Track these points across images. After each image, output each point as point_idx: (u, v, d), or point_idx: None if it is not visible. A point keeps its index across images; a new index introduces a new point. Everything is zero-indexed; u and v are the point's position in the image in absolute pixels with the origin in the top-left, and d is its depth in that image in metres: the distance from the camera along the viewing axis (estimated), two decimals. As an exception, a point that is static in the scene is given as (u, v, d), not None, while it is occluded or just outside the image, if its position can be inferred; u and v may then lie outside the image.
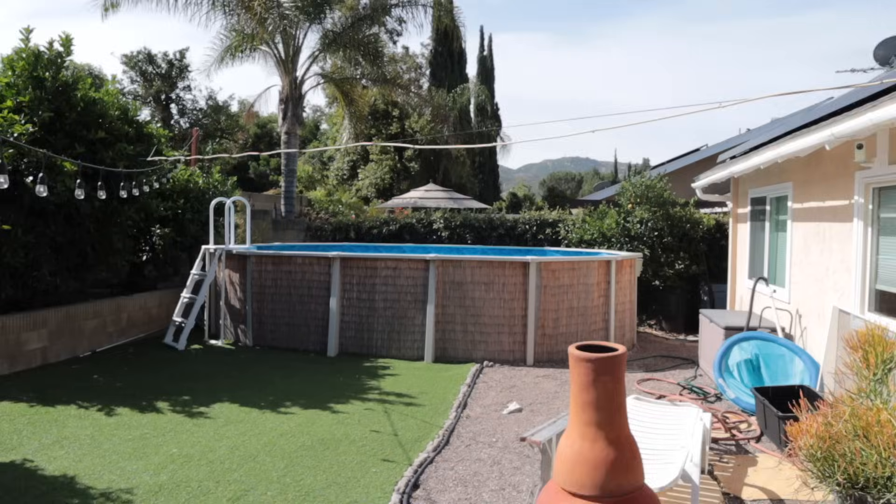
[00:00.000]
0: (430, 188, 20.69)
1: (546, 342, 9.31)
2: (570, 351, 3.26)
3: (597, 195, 22.01)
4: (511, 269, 9.22)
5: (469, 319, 9.25)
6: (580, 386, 3.21)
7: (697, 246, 12.99)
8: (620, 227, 12.83)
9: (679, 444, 5.20)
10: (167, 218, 11.27)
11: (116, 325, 9.92)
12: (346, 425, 6.39)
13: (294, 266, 9.88)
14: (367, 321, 9.55)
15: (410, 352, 9.41)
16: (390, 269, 9.47)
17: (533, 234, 14.18)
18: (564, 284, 9.37)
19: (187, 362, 8.97)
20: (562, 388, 8.05)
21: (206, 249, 10.70)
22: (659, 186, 12.81)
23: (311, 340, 9.79)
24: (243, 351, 9.81)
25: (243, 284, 10.24)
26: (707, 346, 8.91)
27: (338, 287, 9.59)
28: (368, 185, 31.92)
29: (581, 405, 3.20)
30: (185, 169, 11.89)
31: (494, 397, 7.61)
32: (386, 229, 14.69)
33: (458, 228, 14.44)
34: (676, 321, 12.93)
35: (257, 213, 15.68)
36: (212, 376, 8.19)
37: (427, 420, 6.66)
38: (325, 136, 39.48)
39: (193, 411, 6.73)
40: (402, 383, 8.07)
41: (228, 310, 10.52)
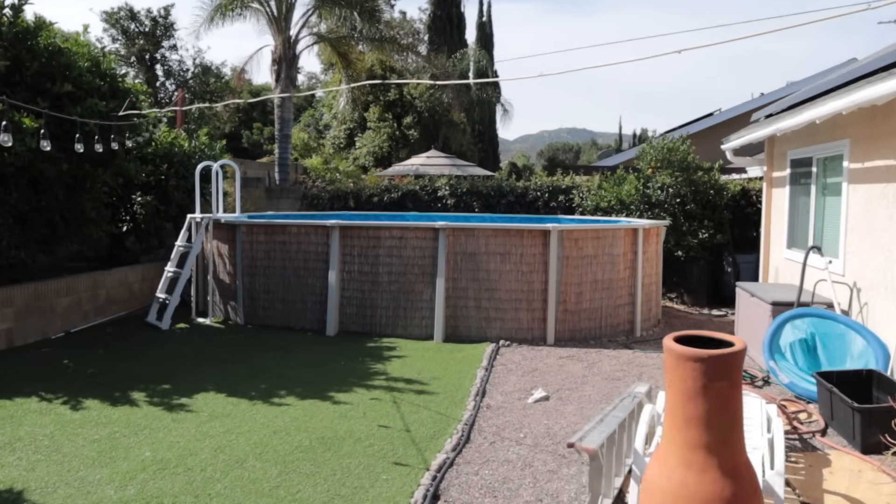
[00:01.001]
0: (433, 154, 19.65)
1: (568, 319, 8.43)
2: (669, 345, 2.36)
3: (608, 161, 21.02)
4: (530, 238, 8.30)
5: (483, 294, 8.36)
6: (684, 394, 2.32)
7: (722, 214, 12.08)
8: (640, 193, 11.89)
9: (750, 446, 4.34)
10: (149, 184, 10.29)
11: (93, 303, 9.00)
12: (350, 419, 5.52)
13: (288, 236, 8.95)
14: (370, 297, 8.65)
15: (418, 330, 8.53)
16: (395, 238, 8.54)
17: (545, 201, 13.24)
18: (588, 255, 8.46)
19: (171, 344, 8.07)
20: (589, 370, 7.19)
21: (191, 219, 9.75)
22: (682, 150, 11.84)
23: (308, 318, 8.89)
24: (233, 330, 8.92)
25: (233, 257, 9.31)
26: (746, 323, 8.04)
27: (337, 259, 8.67)
28: (366, 154, 30.83)
29: (684, 421, 2.31)
30: (168, 131, 10.88)
31: (516, 383, 6.74)
32: (387, 197, 13.73)
33: (465, 196, 13.49)
34: (699, 294, 12.07)
35: (250, 182, 14.70)
36: (197, 360, 7.30)
37: (442, 412, 5.79)
38: (320, 103, 38.24)
39: (173, 403, 5.84)
40: (411, 367, 7.20)
41: (217, 285, 9.61)
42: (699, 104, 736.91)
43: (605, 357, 7.78)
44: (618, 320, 8.80)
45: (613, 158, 21.90)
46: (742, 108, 21.09)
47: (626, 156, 20.76)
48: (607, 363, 7.51)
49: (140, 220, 10.12)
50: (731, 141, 10.32)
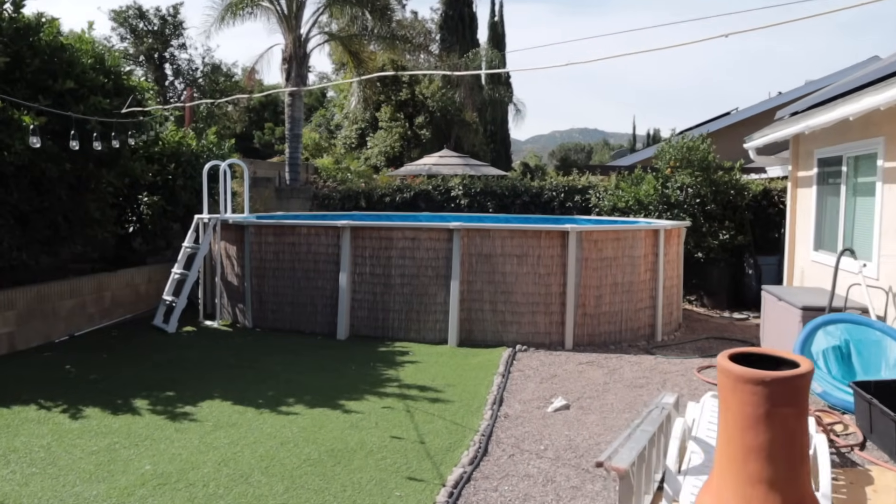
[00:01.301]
0: (445, 154, 19.35)
1: (587, 323, 8.12)
2: (725, 366, 2.06)
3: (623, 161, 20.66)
4: (547, 239, 8.00)
5: (499, 297, 8.07)
6: (743, 422, 2.03)
7: (743, 214, 11.73)
8: (658, 193, 11.56)
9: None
10: (156, 184, 10.08)
11: (98, 306, 8.79)
12: (361, 430, 5.25)
13: (298, 237, 8.70)
14: (382, 299, 8.38)
15: (432, 334, 8.25)
16: (408, 239, 8.27)
17: (560, 201, 12.93)
18: (608, 257, 8.15)
19: (177, 348, 7.84)
20: (610, 377, 6.88)
21: (199, 219, 9.52)
22: (703, 149, 11.50)
23: (317, 322, 8.64)
24: (241, 334, 8.68)
25: (241, 258, 9.07)
26: (773, 328, 7.71)
27: (348, 260, 8.41)
28: (378, 154, 30.62)
29: (743, 452, 2.02)
30: (175, 130, 10.66)
31: (534, 390, 6.45)
32: (399, 197, 13.46)
33: (479, 196, 13.20)
34: (719, 297, 11.73)
35: (259, 181, 14.49)
36: (203, 365, 7.05)
37: (458, 421, 5.51)
38: (331, 103, 38.06)
39: (177, 412, 5.59)
40: (425, 373, 6.92)
41: (225, 287, 9.37)
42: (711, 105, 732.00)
43: (626, 363, 7.47)
44: (638, 324, 8.48)
45: (628, 158, 21.54)
46: (760, 107, 20.69)
47: (642, 155, 20.40)
48: (629, 369, 7.20)
49: (146, 221, 9.90)
50: (754, 140, 9.98)
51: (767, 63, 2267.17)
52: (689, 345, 8.44)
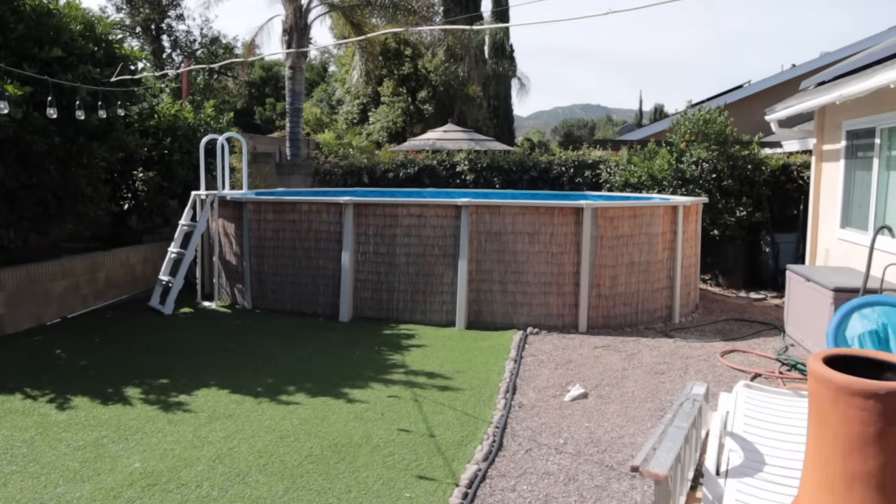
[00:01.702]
0: (449, 128, 18.87)
1: (602, 305, 7.75)
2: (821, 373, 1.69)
3: (633, 135, 20.13)
4: (560, 216, 7.60)
5: (509, 277, 7.69)
6: (848, 441, 1.66)
7: (761, 190, 11.29)
8: (673, 168, 11.12)
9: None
10: (152, 160, 9.67)
11: (92, 287, 8.44)
12: (366, 421, 4.90)
13: (299, 214, 8.30)
14: (387, 279, 8.01)
15: (438, 316, 7.89)
16: (414, 216, 7.87)
17: (570, 177, 12.49)
18: (624, 235, 7.76)
19: (173, 331, 7.49)
20: (629, 363, 6.52)
21: (195, 196, 9.13)
22: (720, 121, 11.04)
23: (319, 302, 8.28)
24: (240, 315, 8.33)
25: (239, 237, 8.69)
26: (800, 311, 7.33)
27: (351, 239, 8.03)
28: (380, 129, 30.10)
29: (844, 479, 1.65)
30: (171, 103, 10.23)
31: (549, 377, 6.09)
32: (403, 172, 13.03)
33: (485, 171, 12.76)
34: (734, 275, 11.34)
35: (259, 157, 14.06)
36: (200, 350, 6.70)
37: (469, 412, 5.16)
38: (332, 78, 37.43)
39: (170, 401, 5.25)
40: (433, 358, 6.57)
41: (223, 266, 9.01)
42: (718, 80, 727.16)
43: (645, 347, 7.11)
44: (655, 306, 8.11)
45: (637, 133, 21.00)
46: (774, 79, 20.12)
47: (651, 130, 19.88)
48: (648, 354, 6.84)
49: (142, 198, 9.51)
50: (776, 111, 9.52)
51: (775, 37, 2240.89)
52: (709, 327, 8.07)
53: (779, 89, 19.56)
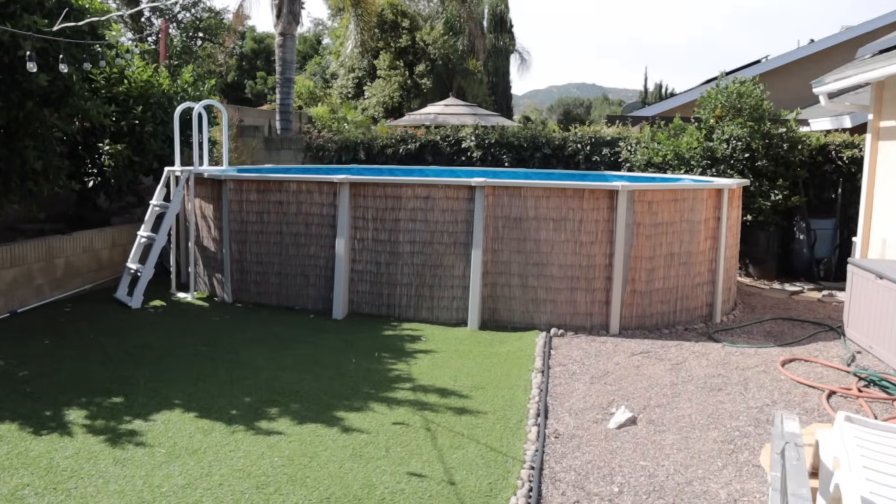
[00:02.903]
0: (451, 102, 17.71)
1: (636, 302, 6.72)
2: None
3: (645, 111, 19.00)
4: (592, 199, 6.53)
5: (530, 270, 6.64)
6: None
7: (796, 172, 10.24)
8: (702, 146, 10.04)
9: None
10: (121, 131, 8.52)
11: (48, 275, 7.34)
12: (367, 461, 3.87)
13: (286, 194, 7.21)
14: (388, 271, 6.95)
15: (447, 314, 6.85)
16: (420, 198, 6.80)
17: (586, 155, 11.40)
18: (663, 222, 6.70)
19: (138, 330, 6.41)
20: (677, 375, 5.50)
21: (169, 172, 8.01)
22: (756, 94, 9.95)
23: (310, 296, 7.23)
24: (218, 311, 7.25)
25: (218, 219, 7.59)
26: (867, 312, 6.32)
27: (346, 223, 6.95)
28: (375, 104, 28.86)
29: None
30: (143, 66, 9.05)
31: (585, 394, 5.07)
32: (403, 148, 11.91)
33: (493, 148, 11.65)
34: (766, 265, 10.35)
35: (247, 130, 12.90)
36: (167, 357, 5.63)
37: (495, 445, 4.13)
38: (326, 50, 36.03)
39: (122, 429, 4.20)
40: (444, 368, 5.53)
41: (201, 253, 7.92)
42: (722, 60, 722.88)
43: (690, 354, 6.09)
44: (695, 303, 7.09)
45: (648, 109, 19.87)
46: (793, 55, 19.02)
47: (663, 107, 18.76)
48: (696, 363, 5.82)
49: (109, 174, 8.37)
50: (826, 83, 8.43)
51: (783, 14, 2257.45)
52: (755, 328, 7.06)
53: (798, 65, 18.46)
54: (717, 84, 10.35)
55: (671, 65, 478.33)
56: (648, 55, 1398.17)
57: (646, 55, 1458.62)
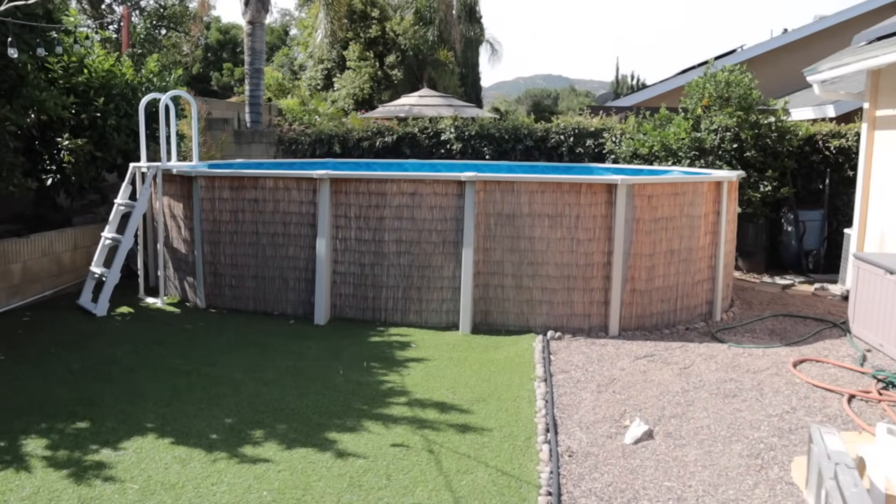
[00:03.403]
0: (426, 93, 17.24)
1: (636, 302, 6.40)
2: None
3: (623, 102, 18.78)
4: (589, 194, 6.19)
5: (525, 270, 6.28)
6: None
7: (785, 162, 10.04)
8: (690, 137, 9.78)
9: None
10: (81, 124, 7.93)
11: (4, 282, 6.77)
12: (367, 491, 3.47)
13: (263, 192, 6.73)
14: (373, 272, 6.53)
15: (437, 317, 6.46)
16: (406, 194, 6.38)
17: (570, 146, 11.06)
18: (663, 217, 6.39)
19: (104, 341, 5.90)
20: (686, 380, 5.19)
21: (135, 168, 7.48)
22: (745, 83, 9.71)
23: (289, 301, 6.77)
24: (191, 317, 6.76)
25: (189, 219, 7.08)
26: (875, 308, 6.08)
27: (327, 222, 6.51)
28: (345, 96, 28.24)
29: None
30: (105, 56, 8.45)
31: (594, 404, 4.73)
32: (380, 141, 11.45)
33: (474, 140, 11.27)
34: (755, 258, 10.15)
35: (215, 123, 12.31)
36: (137, 372, 5.15)
37: (506, 468, 3.76)
38: (294, 41, 35.23)
39: (87, 461, 3.73)
40: (440, 378, 5.14)
41: (171, 255, 7.41)
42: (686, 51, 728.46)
43: (697, 356, 5.79)
44: (695, 301, 6.80)
45: (627, 99, 19.67)
46: (768, 44, 19.04)
47: (644, 95, 18.55)
48: (704, 367, 5.52)
49: (69, 171, 7.79)
50: (820, 72, 8.19)
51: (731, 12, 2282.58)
52: (757, 326, 6.80)
53: (776, 54, 18.44)
54: (704, 72, 10.08)
55: (640, 56, 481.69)
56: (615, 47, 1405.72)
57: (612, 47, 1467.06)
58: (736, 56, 19.09)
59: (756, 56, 18.27)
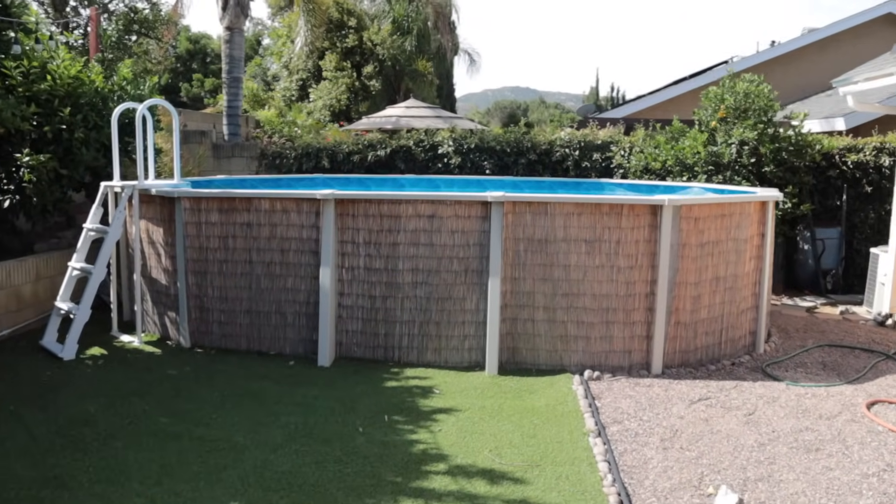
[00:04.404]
0: (413, 104, 16.51)
1: (680, 335, 5.73)
2: None
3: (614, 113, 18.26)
4: (630, 216, 5.51)
5: (559, 302, 5.56)
6: None
7: (803, 178, 9.53)
8: (706, 151, 9.21)
9: None
10: (44, 138, 7.04)
11: (-47, 320, 5.85)
12: None
13: (257, 214, 5.92)
14: (385, 305, 5.76)
15: (457, 355, 5.71)
16: (424, 217, 5.63)
17: (576, 160, 10.41)
18: (709, 241, 5.74)
19: (74, 393, 5.02)
20: (757, 430, 4.51)
21: (107, 188, 6.62)
22: (765, 94, 9.19)
23: (287, 338, 5.96)
24: (175, 359, 5.89)
25: (171, 246, 6.23)
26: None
27: (332, 248, 5.72)
28: (321, 108, 27.44)
29: None
30: (71, 60, 7.57)
31: (663, 466, 4.01)
32: (372, 155, 10.68)
33: (473, 154, 10.57)
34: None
35: (191, 136, 11.42)
36: (116, 435, 4.28)
37: (589, 565, 3.01)
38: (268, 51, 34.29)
39: (56, 574, 2.90)
40: (477, 434, 4.38)
41: (149, 287, 6.54)
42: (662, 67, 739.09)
43: (755, 398, 5.12)
44: (739, 332, 6.16)
45: (617, 111, 19.20)
46: (757, 57, 18.89)
47: (636, 107, 18.09)
48: (770, 413, 4.85)
49: (29, 191, 6.89)
50: (855, 83, 7.68)
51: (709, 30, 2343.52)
52: (806, 359, 6.17)
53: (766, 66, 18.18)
54: (722, 83, 9.54)
55: (617, 68, 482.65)
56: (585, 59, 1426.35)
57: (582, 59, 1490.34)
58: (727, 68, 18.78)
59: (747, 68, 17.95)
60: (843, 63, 17.90)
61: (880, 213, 9.59)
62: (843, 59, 17.79)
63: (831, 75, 18.38)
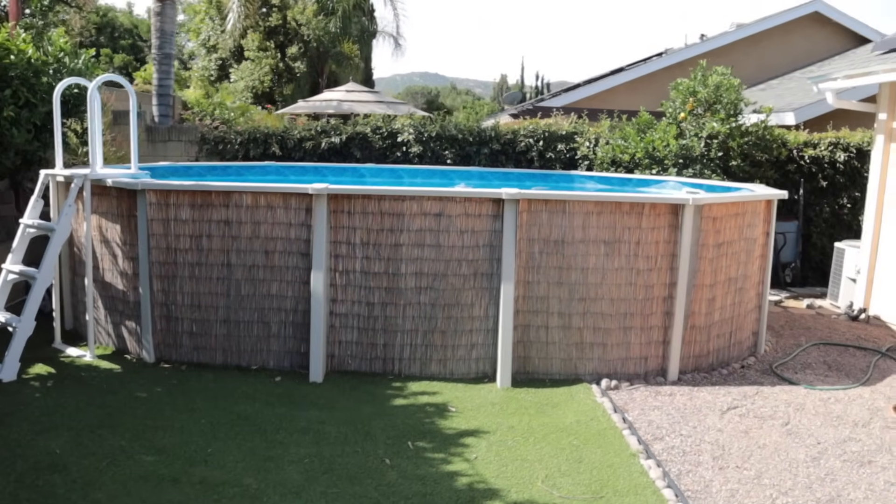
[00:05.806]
0: (353, 88, 15.76)
1: (694, 340, 5.47)
2: None
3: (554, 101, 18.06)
4: (651, 216, 5.17)
5: (575, 307, 5.17)
6: None
7: (766, 172, 9.58)
8: (678, 144, 9.07)
9: None
10: (-37, 118, 6.00)
11: None
12: None
13: (237, 211, 5.20)
14: (385, 313, 5.19)
15: (464, 366, 5.23)
16: (430, 215, 5.09)
17: (539, 151, 10.07)
18: (724, 241, 5.50)
19: (26, 427, 4.18)
20: (800, 441, 4.28)
21: (48, 176, 5.70)
22: (735, 87, 9.13)
23: (271, 351, 5.30)
24: (139, 377, 5.10)
25: (131, 245, 5.40)
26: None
27: (324, 250, 5.09)
28: (243, 89, 26.10)
29: None
30: (-7, 29, 6.49)
31: (728, 490, 3.70)
32: (326, 142, 9.95)
33: (434, 142, 10.04)
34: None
35: (120, 116, 10.29)
36: (94, 484, 3.53)
37: None
38: (183, 28, 32.30)
39: None
40: (517, 460, 3.93)
41: (102, 292, 5.68)
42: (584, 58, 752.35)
43: (781, 404, 4.92)
44: (744, 333, 5.98)
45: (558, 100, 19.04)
46: (687, 51, 19.13)
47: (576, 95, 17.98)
48: (805, 421, 4.65)
49: (-51, 180, 5.87)
50: (834, 80, 7.65)
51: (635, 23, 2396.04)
52: (806, 357, 6.07)
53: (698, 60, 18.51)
54: (694, 76, 9.40)
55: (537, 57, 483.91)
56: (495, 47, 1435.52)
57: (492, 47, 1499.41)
58: (662, 60, 18.96)
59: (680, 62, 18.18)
60: (773, 59, 18.43)
61: (834, 208, 9.79)
62: (773, 54, 18.32)
63: (761, 70, 18.79)
